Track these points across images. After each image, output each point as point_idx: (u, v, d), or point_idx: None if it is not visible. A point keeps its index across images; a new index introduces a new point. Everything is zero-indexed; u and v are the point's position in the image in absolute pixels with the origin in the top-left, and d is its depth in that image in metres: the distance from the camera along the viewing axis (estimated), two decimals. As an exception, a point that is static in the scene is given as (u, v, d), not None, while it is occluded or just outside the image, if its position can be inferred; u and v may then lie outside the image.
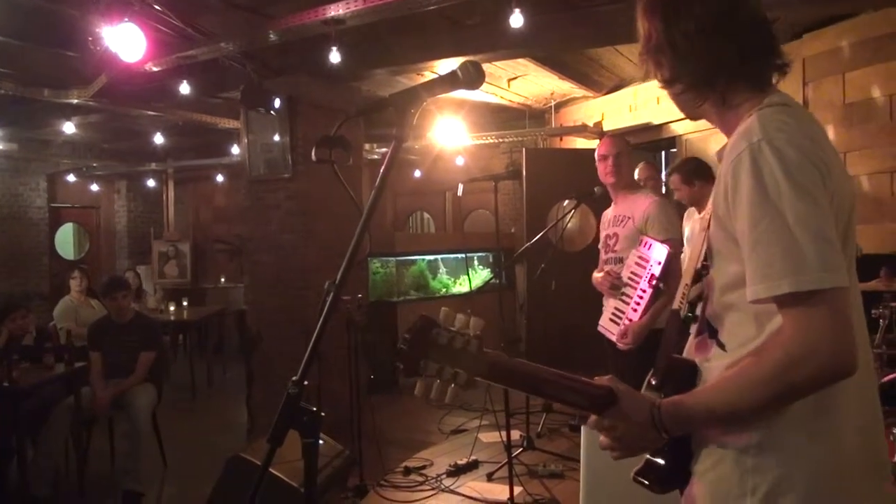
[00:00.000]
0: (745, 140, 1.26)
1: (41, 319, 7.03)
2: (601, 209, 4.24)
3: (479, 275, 9.80)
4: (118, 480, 4.81)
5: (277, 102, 6.12)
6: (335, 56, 5.21)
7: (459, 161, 9.92)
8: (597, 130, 8.18)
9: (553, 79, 7.60)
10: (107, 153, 11.73)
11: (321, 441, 1.38)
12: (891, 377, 4.00)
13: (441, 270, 9.57)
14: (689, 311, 1.58)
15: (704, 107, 1.43)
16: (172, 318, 8.52)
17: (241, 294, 9.63)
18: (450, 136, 8.43)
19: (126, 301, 5.27)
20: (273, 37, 5.18)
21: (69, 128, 8.17)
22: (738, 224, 1.27)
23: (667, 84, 1.45)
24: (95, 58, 5.24)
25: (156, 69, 5.66)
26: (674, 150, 7.87)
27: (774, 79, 1.40)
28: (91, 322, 5.57)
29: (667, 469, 1.43)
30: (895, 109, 5.43)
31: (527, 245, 4.79)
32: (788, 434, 1.26)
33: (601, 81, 8.07)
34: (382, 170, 1.39)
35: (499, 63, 6.78)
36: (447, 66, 5.83)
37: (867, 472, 1.31)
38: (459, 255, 9.49)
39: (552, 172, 7.43)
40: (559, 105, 8.82)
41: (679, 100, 1.47)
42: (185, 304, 8.98)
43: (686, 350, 1.53)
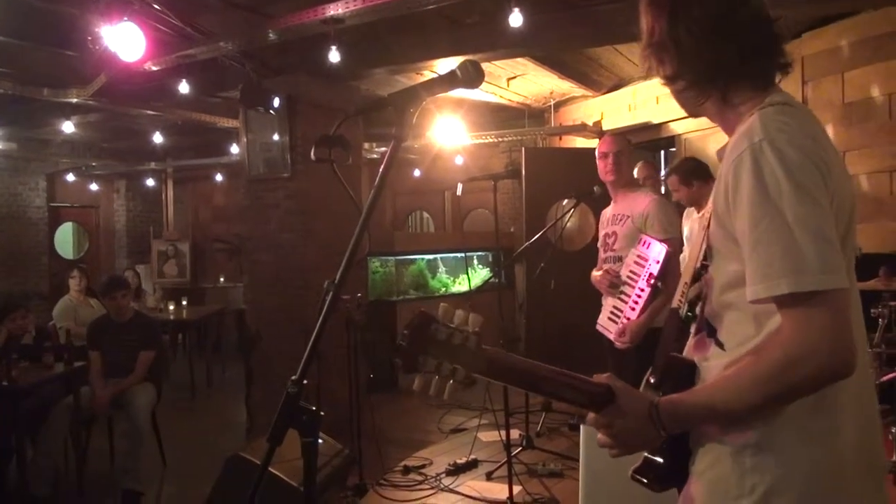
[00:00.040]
0: (747, 140, 1.26)
1: (40, 319, 7.03)
2: (600, 208, 4.24)
3: (479, 274, 9.81)
4: (117, 479, 4.81)
5: (276, 102, 6.12)
6: (334, 55, 5.20)
7: (459, 160, 9.91)
8: (596, 130, 8.18)
9: (552, 78, 7.60)
10: (106, 152, 11.72)
11: (320, 440, 1.38)
12: (890, 376, 4.01)
13: (440, 270, 9.57)
14: (689, 311, 1.58)
15: (706, 104, 1.42)
16: (172, 318, 8.52)
17: (241, 293, 9.63)
18: (449, 136, 8.43)
19: (125, 300, 5.27)
20: (272, 36, 5.17)
21: (68, 127, 8.16)
22: (739, 223, 1.27)
23: (668, 81, 1.44)
24: (95, 57, 5.23)
25: (155, 68, 5.65)
26: (673, 150, 7.87)
27: (777, 78, 1.40)
28: (90, 321, 5.57)
29: (665, 467, 1.43)
30: (894, 108, 5.43)
31: (526, 244, 4.80)
32: (787, 433, 1.26)
33: (600, 81, 8.07)
34: (382, 169, 1.39)
35: (498, 62, 6.78)
36: (446, 66, 5.83)
37: (864, 472, 1.31)
38: (459, 255, 9.50)
39: (551, 172, 7.42)
40: (558, 104, 8.82)
41: (681, 97, 1.46)
42: (185, 304, 8.98)
43: (686, 349, 1.53)
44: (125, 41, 4.63)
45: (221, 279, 11.69)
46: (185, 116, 7.96)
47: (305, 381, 1.32)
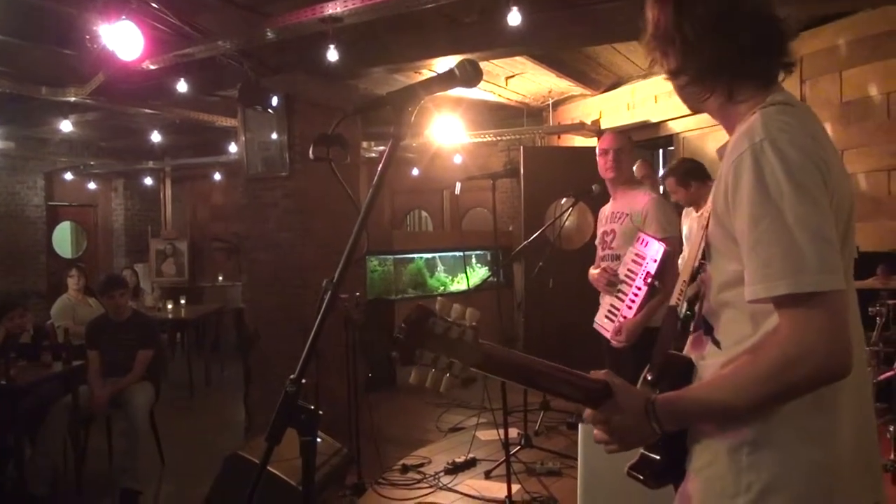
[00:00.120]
0: (748, 139, 1.26)
1: (39, 318, 7.01)
2: (599, 207, 4.22)
3: (477, 273, 9.81)
4: (116, 479, 4.81)
5: (275, 100, 6.12)
6: (333, 54, 5.20)
7: (457, 159, 9.91)
8: (594, 128, 8.18)
9: (551, 77, 7.60)
10: (104, 151, 11.71)
11: (319, 439, 1.38)
12: (887, 374, 4.02)
13: (439, 268, 9.57)
14: (688, 310, 1.58)
15: (708, 101, 1.41)
16: (170, 317, 8.52)
17: (239, 292, 9.64)
18: (447, 135, 8.42)
19: (124, 299, 5.27)
20: (270, 35, 5.17)
21: (66, 126, 8.15)
22: (738, 223, 1.26)
23: (672, 75, 1.43)
24: (93, 56, 5.23)
25: (153, 67, 5.65)
26: (671, 148, 7.87)
27: (780, 77, 1.39)
28: (89, 320, 5.57)
29: (661, 464, 1.43)
30: (892, 107, 5.44)
31: (525, 243, 4.80)
32: (784, 432, 1.26)
33: (599, 79, 8.07)
34: (380, 168, 1.39)
35: (496, 61, 6.78)
36: (445, 65, 5.83)
37: (862, 471, 1.31)
38: (457, 254, 9.50)
39: (550, 170, 7.42)
40: (557, 103, 8.82)
41: (683, 92, 1.45)
42: (183, 303, 8.98)
43: (685, 346, 1.54)
44: (123, 40, 4.62)
45: (220, 278, 11.68)
46: (184, 115, 7.95)
47: (304, 380, 1.32)
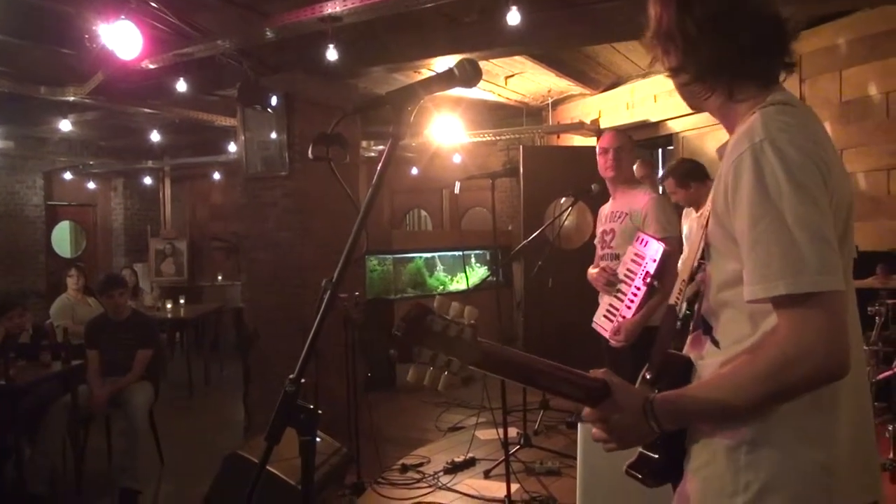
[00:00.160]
0: (748, 139, 1.26)
1: (38, 317, 7.00)
2: (598, 206, 4.20)
3: (477, 272, 9.80)
4: (115, 478, 4.81)
5: (274, 100, 6.11)
6: (332, 53, 5.20)
7: (456, 158, 9.90)
8: (594, 128, 8.19)
9: (550, 76, 7.60)
10: (103, 151, 11.70)
11: (318, 439, 1.38)
12: (886, 374, 4.02)
13: (438, 268, 9.57)
14: (688, 309, 1.58)
15: (710, 99, 1.41)
16: (169, 316, 8.51)
17: (238, 292, 9.64)
18: (447, 134, 8.42)
19: (123, 299, 5.27)
20: (270, 34, 5.17)
21: (65, 125, 8.14)
22: (738, 223, 1.26)
23: (673, 73, 1.43)
24: (92, 55, 5.22)
25: (152, 66, 5.64)
26: (670, 148, 7.88)
27: (781, 77, 1.39)
28: (88, 320, 5.57)
29: (660, 463, 1.43)
30: (891, 107, 5.44)
31: (524, 243, 4.80)
32: (782, 431, 1.26)
33: (598, 79, 8.07)
34: (379, 167, 1.39)
35: (496, 60, 6.78)
36: (444, 64, 5.82)
37: (860, 470, 1.31)
38: (457, 253, 9.49)
39: (549, 170, 7.42)
40: (556, 102, 8.82)
41: (684, 90, 1.45)
42: (182, 302, 8.97)
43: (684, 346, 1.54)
44: (122, 39, 4.62)
45: (219, 278, 11.67)
46: (183, 115, 7.95)
47: (303, 380, 1.31)
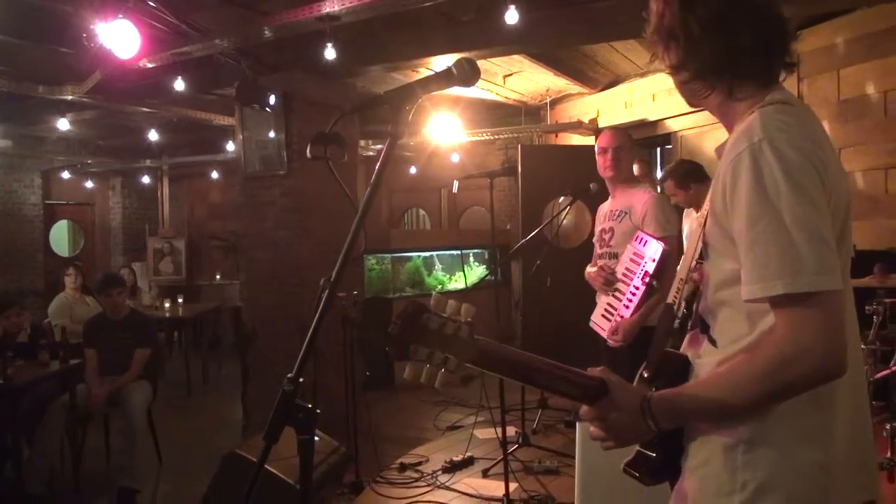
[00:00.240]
0: (746, 139, 1.26)
1: (36, 316, 7.00)
2: (597, 205, 4.19)
3: (475, 271, 9.80)
4: (113, 477, 4.81)
5: (272, 99, 6.11)
6: (330, 52, 5.19)
7: (455, 158, 9.90)
8: (592, 127, 8.19)
9: (548, 75, 7.60)
10: (101, 150, 11.69)
11: (317, 438, 1.38)
12: (884, 373, 4.02)
13: (436, 267, 9.57)
14: (685, 308, 1.58)
15: (710, 97, 1.40)
16: (168, 315, 8.50)
17: (237, 291, 9.62)
18: (445, 133, 8.42)
19: (121, 298, 5.26)
20: (268, 33, 5.16)
21: (64, 124, 8.12)
22: (736, 223, 1.26)
23: (673, 70, 1.42)
24: (90, 54, 5.22)
25: (150, 65, 5.64)
26: (669, 147, 7.88)
27: (781, 76, 1.39)
28: (86, 319, 5.56)
29: (657, 461, 1.44)
30: (889, 106, 5.45)
31: (522, 242, 4.79)
32: (779, 430, 1.26)
33: (596, 78, 8.07)
34: (378, 166, 1.39)
35: (494, 59, 6.78)
36: (442, 63, 5.82)
37: (857, 469, 1.32)
38: (455, 252, 9.49)
39: (548, 169, 7.41)
40: (555, 101, 8.82)
41: (684, 88, 1.45)
42: (181, 301, 8.96)
43: (682, 345, 1.54)
44: (120, 38, 4.61)
45: (217, 276, 11.67)
46: (181, 114, 7.95)
47: (302, 379, 1.31)
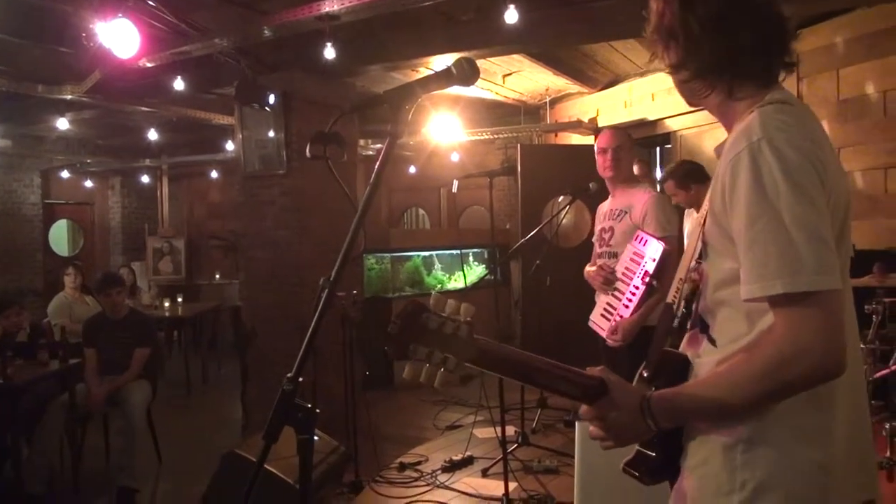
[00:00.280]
0: (745, 139, 1.25)
1: (35, 316, 7.00)
2: (596, 205, 4.18)
3: (474, 271, 9.80)
4: (113, 477, 4.81)
5: (272, 98, 6.11)
6: (329, 52, 5.20)
7: (454, 157, 9.90)
8: (592, 126, 8.19)
9: (548, 75, 7.60)
10: (101, 149, 11.69)
11: (316, 437, 1.38)
12: (883, 372, 4.02)
13: (436, 266, 9.57)
14: (685, 308, 1.58)
15: (709, 97, 1.40)
16: (167, 315, 8.50)
17: (236, 290, 9.62)
18: (445, 132, 8.42)
19: (120, 297, 5.26)
20: (267, 33, 5.16)
21: (63, 124, 8.13)
22: (735, 222, 1.26)
23: (673, 69, 1.42)
24: (89, 54, 5.22)
25: (149, 65, 5.63)
26: (668, 146, 7.88)
27: (781, 76, 1.39)
28: (86, 319, 5.56)
29: (657, 461, 1.44)
30: (889, 105, 5.44)
31: (522, 241, 4.79)
32: (779, 430, 1.26)
33: (596, 77, 8.08)
34: (377, 166, 1.39)
35: (493, 59, 6.78)
36: (442, 63, 5.82)
37: (855, 469, 1.31)
38: (454, 252, 9.49)
39: (547, 168, 7.41)
40: (554, 101, 8.82)
41: (683, 87, 1.44)
42: (180, 301, 8.95)
43: (681, 344, 1.54)
44: (119, 38, 4.61)
45: (217, 276, 11.67)
46: (180, 113, 7.94)
47: (301, 379, 1.31)
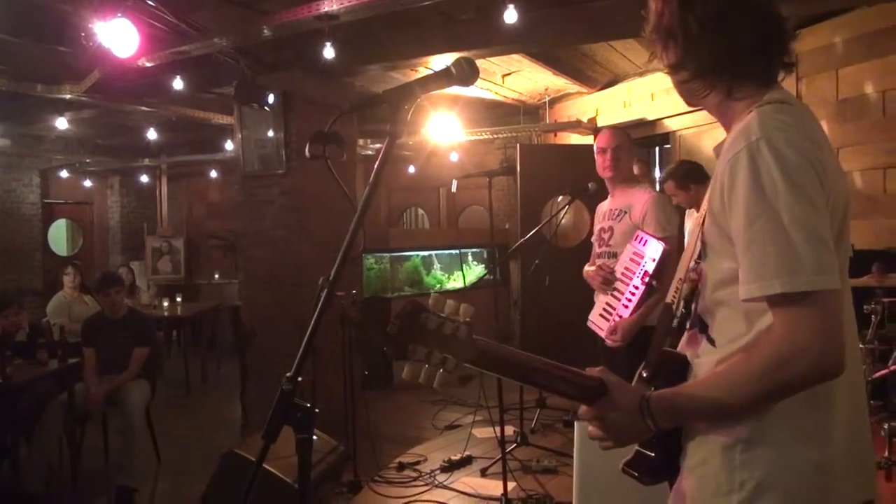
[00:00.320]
0: (744, 138, 1.25)
1: (34, 315, 6.99)
2: (595, 205, 4.17)
3: (474, 271, 9.80)
4: (112, 476, 4.81)
5: (271, 98, 6.10)
6: (329, 52, 5.20)
7: (454, 157, 9.90)
8: (591, 126, 8.19)
9: (547, 74, 7.60)
10: (100, 149, 11.68)
11: (315, 437, 1.38)
12: (882, 372, 4.02)
13: (435, 266, 9.56)
14: (684, 308, 1.58)
15: (708, 97, 1.40)
16: (166, 314, 8.50)
17: (235, 290, 9.62)
18: (444, 132, 8.42)
19: (119, 297, 5.26)
20: (267, 32, 5.16)
21: (62, 123, 8.12)
22: (734, 222, 1.26)
23: (672, 69, 1.42)
24: (88, 53, 5.22)
25: (149, 65, 5.63)
26: (667, 146, 7.88)
27: (780, 76, 1.39)
28: (85, 318, 5.56)
29: (656, 461, 1.43)
30: (888, 105, 5.45)
31: (521, 241, 4.80)
32: (778, 429, 1.26)
33: (595, 77, 8.08)
34: (376, 166, 1.39)
35: (493, 59, 6.78)
36: (441, 62, 5.82)
37: (855, 468, 1.31)
38: (454, 251, 9.48)
39: (546, 168, 7.42)
40: (553, 101, 8.82)
41: (682, 87, 1.44)
42: (179, 300, 8.95)
43: (680, 344, 1.53)
44: (119, 37, 4.61)
45: (216, 276, 11.66)
46: (180, 113, 7.94)
47: (300, 378, 1.31)
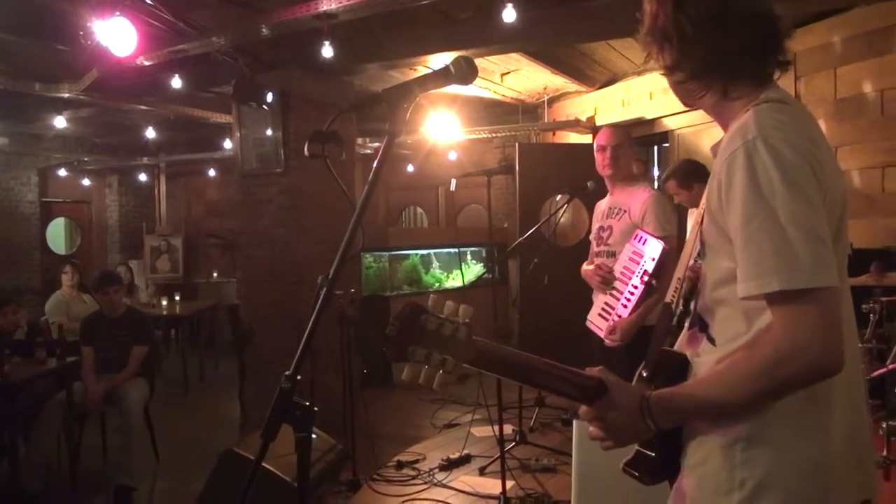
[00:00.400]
0: (741, 137, 1.26)
1: (33, 314, 6.99)
2: (594, 204, 4.16)
3: (472, 269, 9.80)
4: (110, 475, 4.81)
5: (270, 97, 6.10)
6: (327, 50, 5.20)
7: (452, 156, 9.90)
8: (590, 125, 8.19)
9: (546, 73, 7.60)
10: (98, 147, 11.67)
11: (314, 435, 1.38)
12: (880, 371, 4.02)
13: (434, 265, 9.56)
14: (684, 307, 1.58)
15: (704, 97, 1.40)
16: (165, 313, 8.49)
17: (234, 289, 9.61)
18: (443, 131, 8.42)
19: (118, 296, 5.26)
20: (265, 31, 5.16)
21: (60, 122, 8.11)
22: (731, 221, 1.26)
23: (668, 70, 1.41)
24: (87, 52, 5.21)
25: (147, 63, 5.63)
26: (666, 145, 7.88)
27: (776, 75, 1.39)
28: (83, 317, 5.55)
29: (656, 461, 1.44)
30: (886, 104, 5.45)
31: (520, 240, 4.80)
32: (778, 428, 1.26)
33: (594, 76, 8.07)
34: (375, 164, 1.39)
35: (491, 58, 6.77)
36: (440, 61, 5.82)
37: (854, 467, 1.32)
38: (452, 250, 9.48)
39: (545, 167, 7.42)
40: (552, 100, 8.82)
41: (678, 88, 1.44)
42: (178, 299, 8.95)
43: (678, 343, 1.53)
44: (117, 36, 4.60)
45: (214, 274, 11.66)
46: (178, 111, 7.94)
47: (299, 377, 1.31)
